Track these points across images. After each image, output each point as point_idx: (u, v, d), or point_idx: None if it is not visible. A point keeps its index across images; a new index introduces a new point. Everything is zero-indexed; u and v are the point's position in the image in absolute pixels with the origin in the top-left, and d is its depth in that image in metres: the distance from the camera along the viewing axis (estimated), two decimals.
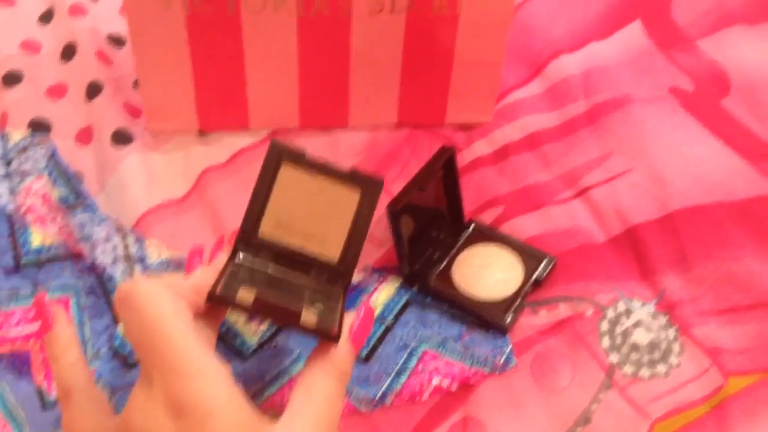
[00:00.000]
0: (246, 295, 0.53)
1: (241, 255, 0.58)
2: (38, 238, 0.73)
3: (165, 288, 0.52)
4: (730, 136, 0.82)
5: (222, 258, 0.58)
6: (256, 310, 0.52)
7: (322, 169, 0.59)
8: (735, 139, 0.82)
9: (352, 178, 0.59)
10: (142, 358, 0.50)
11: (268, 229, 0.58)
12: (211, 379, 0.48)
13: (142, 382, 0.50)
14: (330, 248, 0.59)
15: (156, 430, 0.48)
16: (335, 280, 0.59)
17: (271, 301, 0.53)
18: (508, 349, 0.67)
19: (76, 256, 0.72)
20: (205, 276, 0.55)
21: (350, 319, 0.54)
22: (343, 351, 0.53)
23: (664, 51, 0.90)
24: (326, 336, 0.53)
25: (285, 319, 0.53)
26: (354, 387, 0.65)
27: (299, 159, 0.59)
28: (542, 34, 0.92)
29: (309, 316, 0.53)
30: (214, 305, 0.54)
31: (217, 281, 0.54)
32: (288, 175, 0.58)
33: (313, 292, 0.57)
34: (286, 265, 0.58)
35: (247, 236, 0.58)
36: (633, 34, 0.92)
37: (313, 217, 0.59)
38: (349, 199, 0.59)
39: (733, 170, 0.79)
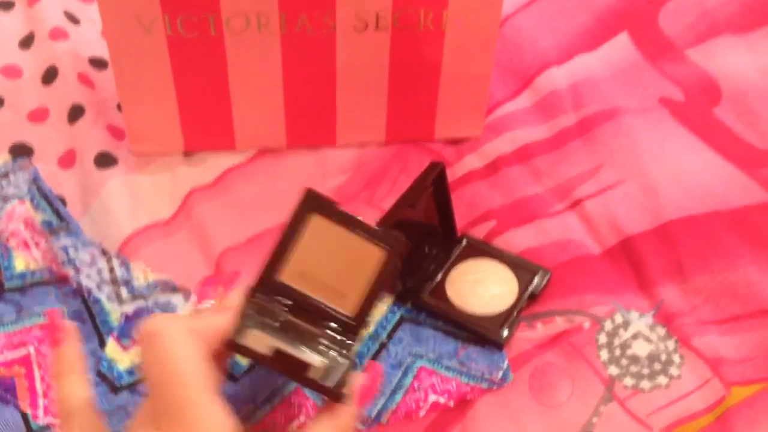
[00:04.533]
0: (261, 343, 0.52)
1: (257, 298, 0.57)
2: (22, 263, 0.72)
3: (190, 334, 0.51)
4: (722, 145, 0.82)
5: (235, 297, 0.57)
6: (273, 363, 0.52)
7: (351, 223, 0.58)
8: (727, 147, 0.81)
9: (379, 236, 0.58)
10: (155, 400, 0.49)
11: (288, 275, 0.57)
12: None
13: (147, 425, 0.49)
14: (348, 303, 0.58)
15: None
16: (347, 336, 0.58)
17: (289, 354, 0.52)
18: (505, 365, 0.66)
19: (60, 281, 0.71)
20: (220, 317, 0.54)
21: (358, 379, 0.54)
22: (348, 412, 0.53)
23: (652, 62, 0.90)
24: (332, 396, 0.52)
25: (298, 374, 0.52)
26: None
27: (330, 210, 0.58)
28: (530, 47, 0.91)
29: (318, 373, 0.53)
30: (230, 351, 0.53)
31: (234, 326, 0.53)
32: (317, 226, 0.58)
33: (325, 345, 0.56)
34: (301, 315, 0.58)
35: (267, 279, 0.57)
36: (621, 46, 0.92)
37: (335, 270, 0.58)
38: (374, 256, 0.58)
39: (726, 179, 0.79)
